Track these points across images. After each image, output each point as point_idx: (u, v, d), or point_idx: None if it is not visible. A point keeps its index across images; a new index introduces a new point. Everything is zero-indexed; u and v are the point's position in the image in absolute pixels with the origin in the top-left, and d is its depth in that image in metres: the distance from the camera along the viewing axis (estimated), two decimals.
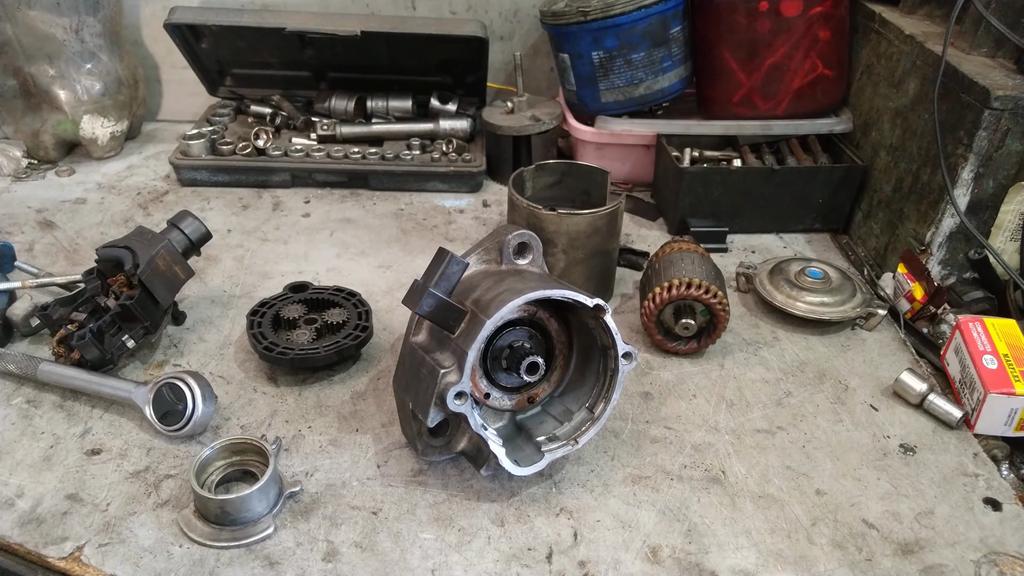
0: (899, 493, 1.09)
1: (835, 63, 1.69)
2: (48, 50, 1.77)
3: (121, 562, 0.95)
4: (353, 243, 1.65)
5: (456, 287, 1.03)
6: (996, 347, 1.21)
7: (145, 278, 1.24)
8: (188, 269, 1.34)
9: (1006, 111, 1.29)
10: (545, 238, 1.34)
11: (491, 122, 1.83)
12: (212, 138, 1.86)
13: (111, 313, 1.22)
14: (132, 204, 1.77)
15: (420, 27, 1.83)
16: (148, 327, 1.25)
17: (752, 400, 1.25)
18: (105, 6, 1.82)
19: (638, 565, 0.97)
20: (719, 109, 1.76)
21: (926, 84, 1.46)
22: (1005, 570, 0.98)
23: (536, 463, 1.05)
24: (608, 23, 1.63)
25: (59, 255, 1.56)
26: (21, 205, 1.74)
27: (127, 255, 1.27)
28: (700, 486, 1.09)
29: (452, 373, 0.98)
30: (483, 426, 1.03)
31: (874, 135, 1.65)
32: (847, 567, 0.98)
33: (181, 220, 1.36)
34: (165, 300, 1.28)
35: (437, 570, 0.96)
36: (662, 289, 1.28)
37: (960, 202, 1.39)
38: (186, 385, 1.12)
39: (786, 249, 1.68)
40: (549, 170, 1.51)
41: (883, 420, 1.22)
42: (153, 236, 1.32)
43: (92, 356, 1.19)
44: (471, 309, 1.01)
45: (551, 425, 1.12)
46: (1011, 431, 1.18)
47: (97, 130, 1.89)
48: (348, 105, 1.99)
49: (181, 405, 1.12)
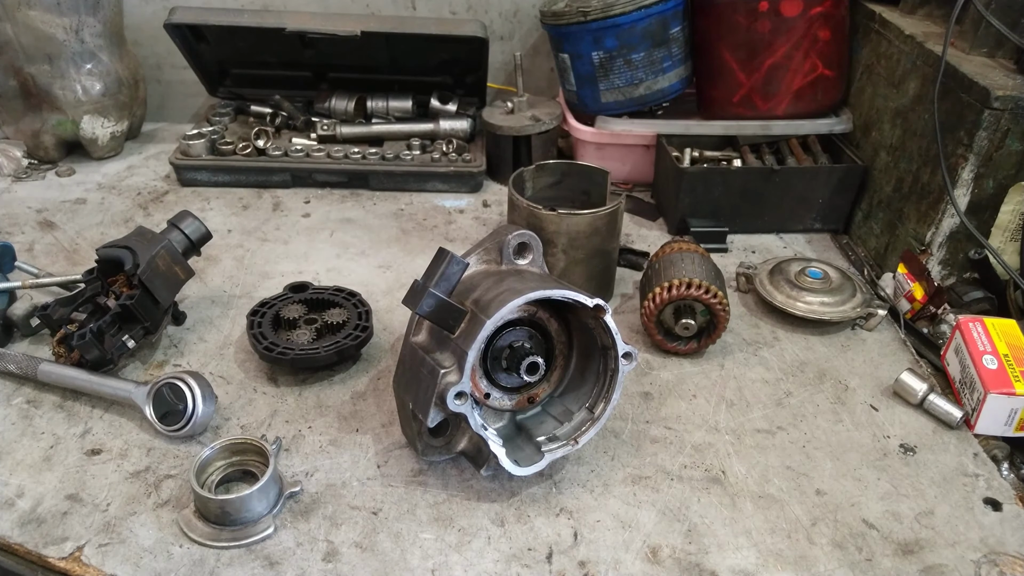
0: (899, 493, 1.09)
1: (835, 63, 1.69)
2: (48, 50, 1.76)
3: (121, 562, 0.95)
4: (353, 243, 1.65)
5: (456, 287, 1.03)
6: (996, 347, 1.21)
7: (145, 278, 1.24)
8: (188, 269, 1.34)
9: (1006, 111, 1.29)
10: (545, 238, 1.34)
11: (491, 122, 1.83)
12: (212, 138, 1.86)
13: (111, 313, 1.22)
14: (132, 204, 1.77)
15: (420, 27, 1.83)
16: (148, 327, 1.25)
17: (752, 400, 1.25)
18: (105, 6, 1.82)
19: (638, 565, 0.97)
20: (719, 109, 1.77)
21: (926, 84, 1.46)
22: (1005, 570, 0.98)
23: (536, 463, 1.05)
24: (608, 23, 1.63)
25: (59, 255, 1.56)
26: (21, 205, 1.74)
27: (127, 255, 1.27)
28: (700, 486, 1.09)
29: (452, 373, 0.99)
30: (483, 426, 1.03)
31: (874, 135, 1.65)
32: (847, 567, 0.98)
33: (181, 220, 1.36)
34: (165, 300, 1.28)
35: (437, 570, 0.96)
36: (662, 289, 1.28)
37: (960, 202, 1.39)
38: (186, 385, 1.12)
39: (786, 249, 1.68)
40: (549, 170, 1.51)
41: (883, 420, 1.22)
42: (153, 236, 1.32)
43: (92, 356, 1.19)
44: (471, 309, 1.01)
45: (551, 425, 1.12)
46: (1011, 431, 1.18)
47: (97, 130, 1.89)
48: (348, 105, 1.99)
49: (181, 405, 1.12)
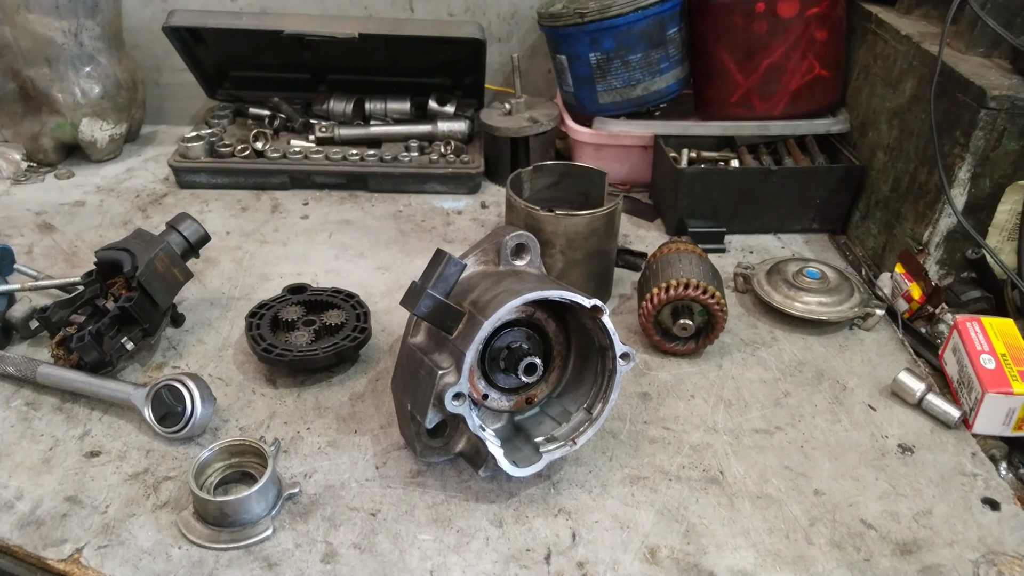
0: (897, 493, 1.09)
1: (832, 64, 1.70)
2: (47, 53, 1.77)
3: (120, 564, 0.95)
4: (352, 245, 1.65)
5: (454, 288, 1.03)
6: (994, 347, 1.21)
7: (144, 280, 1.24)
8: (187, 271, 1.34)
9: (1002, 111, 1.30)
10: (543, 239, 1.34)
11: (489, 123, 1.83)
12: (211, 140, 1.86)
13: (110, 315, 1.22)
14: (131, 207, 1.77)
15: (418, 29, 1.83)
16: (147, 329, 1.26)
17: (750, 400, 1.25)
18: (104, 9, 1.82)
19: (636, 565, 0.97)
20: (717, 110, 1.77)
21: (923, 84, 1.46)
22: (1003, 570, 0.98)
23: (534, 464, 1.05)
24: (605, 24, 1.63)
25: (58, 258, 1.56)
26: (20, 208, 1.74)
27: (126, 257, 1.27)
28: (698, 486, 1.09)
29: (450, 374, 0.99)
30: (481, 427, 1.03)
31: (871, 135, 1.65)
32: (845, 567, 0.98)
33: (180, 222, 1.37)
34: (164, 302, 1.28)
35: (436, 571, 0.96)
36: (660, 290, 1.28)
37: (957, 202, 1.39)
38: (185, 387, 1.13)
39: (784, 249, 1.68)
40: (547, 171, 1.52)
41: (881, 420, 1.22)
42: (152, 239, 1.32)
43: (91, 358, 1.19)
44: (469, 310, 1.01)
45: (549, 426, 1.12)
46: (1009, 431, 1.18)
47: (96, 133, 1.90)
48: (346, 107, 1.99)
49: (180, 407, 1.12)
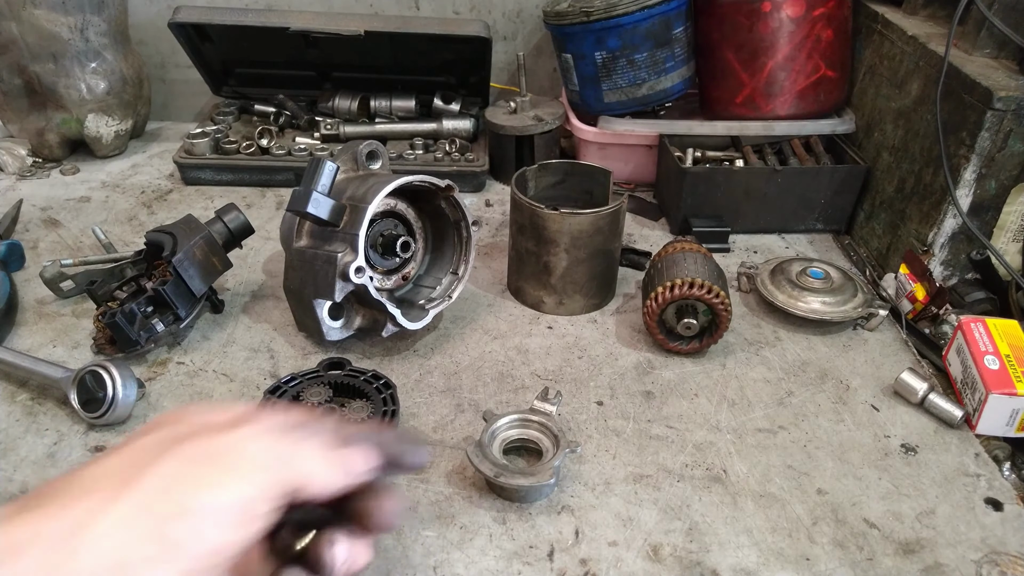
0: (900, 493, 1.09)
1: (838, 64, 1.69)
2: (53, 49, 1.77)
3: None
4: None
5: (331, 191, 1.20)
6: (998, 347, 1.21)
7: (179, 265, 1.26)
8: (226, 261, 1.37)
9: (1009, 112, 1.29)
10: (548, 237, 1.35)
11: (494, 122, 1.84)
12: (216, 137, 1.87)
13: (145, 296, 1.25)
14: (136, 202, 1.77)
15: (424, 27, 1.83)
16: (178, 314, 1.28)
17: (754, 399, 1.25)
18: (110, 5, 1.82)
19: (639, 563, 0.98)
20: (722, 110, 1.77)
21: (929, 85, 1.46)
22: (1006, 570, 0.98)
23: (424, 318, 1.29)
24: (611, 23, 1.63)
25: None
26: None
27: (168, 241, 1.29)
28: (701, 485, 1.09)
29: (348, 255, 1.18)
30: (379, 290, 1.23)
31: (876, 136, 1.65)
32: (848, 566, 0.98)
33: (226, 213, 1.40)
34: (198, 289, 1.30)
35: (439, 567, 0.96)
36: (664, 289, 1.28)
37: (962, 203, 1.39)
38: (107, 372, 1.13)
39: (788, 249, 1.68)
40: (552, 170, 1.52)
41: (884, 420, 1.22)
42: (197, 226, 1.35)
43: (120, 336, 1.22)
44: (349, 204, 1.20)
45: (426, 292, 1.37)
46: (1013, 431, 1.18)
47: (102, 129, 1.90)
48: (352, 105, 1.99)
49: (101, 393, 1.13)
